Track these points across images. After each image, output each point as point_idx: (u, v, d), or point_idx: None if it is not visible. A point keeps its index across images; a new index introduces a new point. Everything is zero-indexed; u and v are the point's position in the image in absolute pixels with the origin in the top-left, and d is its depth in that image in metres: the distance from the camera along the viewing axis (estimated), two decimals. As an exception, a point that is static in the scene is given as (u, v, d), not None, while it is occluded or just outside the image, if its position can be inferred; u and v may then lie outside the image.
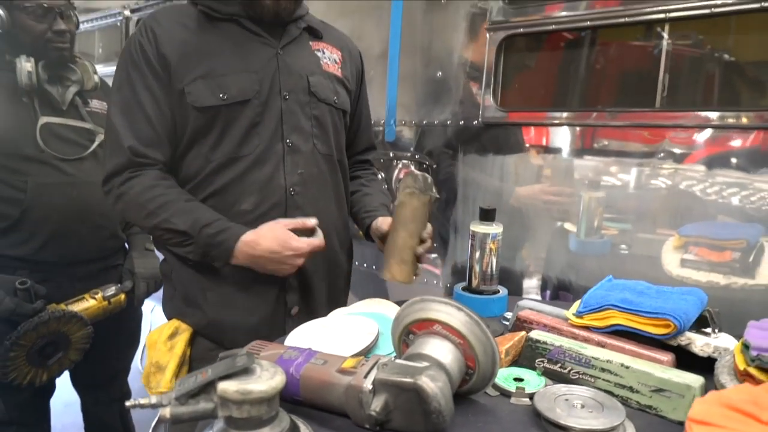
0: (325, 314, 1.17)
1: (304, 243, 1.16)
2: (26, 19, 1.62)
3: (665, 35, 1.35)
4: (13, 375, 1.58)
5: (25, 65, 1.60)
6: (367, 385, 0.75)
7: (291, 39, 1.26)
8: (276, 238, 1.14)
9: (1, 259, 1.68)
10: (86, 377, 1.89)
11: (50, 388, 1.81)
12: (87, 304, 1.68)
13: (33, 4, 1.60)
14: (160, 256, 1.38)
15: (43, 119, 1.64)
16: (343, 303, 1.41)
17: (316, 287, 1.31)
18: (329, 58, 1.33)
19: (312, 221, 1.19)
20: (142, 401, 0.69)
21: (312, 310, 1.28)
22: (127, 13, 2.96)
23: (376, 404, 0.73)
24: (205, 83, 1.17)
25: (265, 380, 0.69)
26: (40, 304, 1.63)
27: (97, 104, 1.78)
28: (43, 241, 1.69)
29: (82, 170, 1.68)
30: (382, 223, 1.28)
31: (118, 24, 3.05)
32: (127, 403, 0.69)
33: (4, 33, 1.63)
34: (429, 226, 1.21)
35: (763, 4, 1.17)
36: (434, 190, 1.17)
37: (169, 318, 1.30)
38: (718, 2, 1.23)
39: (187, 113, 1.18)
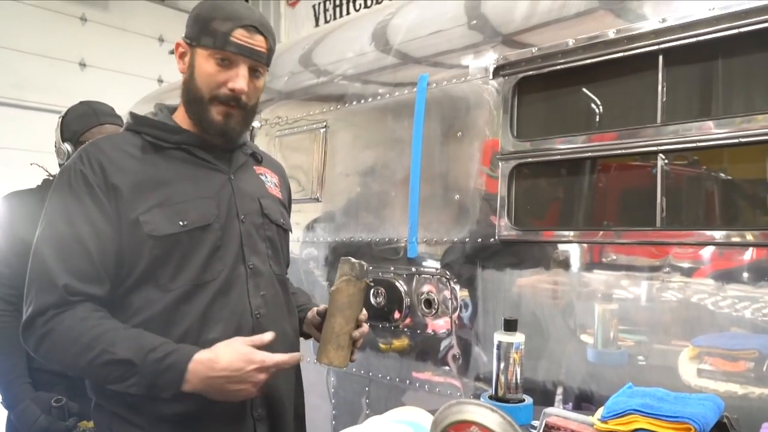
0: None
1: (269, 357, 1.08)
2: (89, 152, 1.83)
3: (659, 163, 1.52)
4: (42, 495, 1.58)
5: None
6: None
7: (239, 165, 1.30)
8: (236, 352, 1.05)
9: (42, 374, 1.76)
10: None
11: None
12: (116, 420, 1.72)
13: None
14: None
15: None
16: (302, 426, 1.39)
17: (286, 417, 1.27)
18: (270, 181, 1.37)
19: (269, 336, 1.12)
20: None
21: None
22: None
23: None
24: (162, 212, 1.13)
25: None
26: (72, 422, 1.68)
27: None
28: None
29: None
30: (316, 313, 1.32)
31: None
32: None
33: (70, 165, 1.84)
34: (364, 311, 1.25)
35: (741, 140, 1.35)
36: (369, 277, 1.21)
37: None
38: (703, 137, 1.42)
39: (142, 244, 1.12)
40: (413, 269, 1.94)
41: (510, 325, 1.32)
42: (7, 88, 5.52)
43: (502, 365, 1.31)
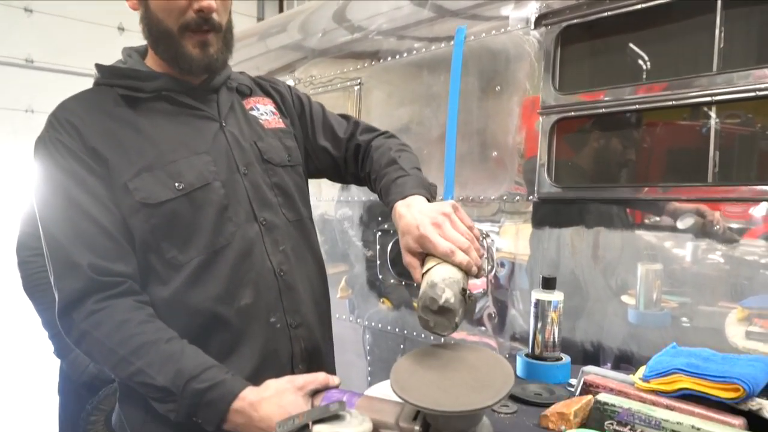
0: None
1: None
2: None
3: (713, 113, 1.43)
4: (92, 439, 1.66)
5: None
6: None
7: (229, 107, 1.12)
8: (282, 408, 0.87)
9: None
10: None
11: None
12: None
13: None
14: None
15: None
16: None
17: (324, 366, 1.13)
18: (265, 112, 1.19)
19: (336, 380, 0.96)
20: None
21: None
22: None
23: None
24: (153, 176, 0.99)
25: (355, 426, 0.76)
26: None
27: None
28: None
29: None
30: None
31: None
32: None
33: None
34: None
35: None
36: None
37: None
38: (763, 86, 1.32)
39: (135, 214, 0.98)
40: (449, 228, 1.91)
41: (548, 283, 1.28)
42: (49, 54, 5.62)
43: (539, 324, 1.28)
